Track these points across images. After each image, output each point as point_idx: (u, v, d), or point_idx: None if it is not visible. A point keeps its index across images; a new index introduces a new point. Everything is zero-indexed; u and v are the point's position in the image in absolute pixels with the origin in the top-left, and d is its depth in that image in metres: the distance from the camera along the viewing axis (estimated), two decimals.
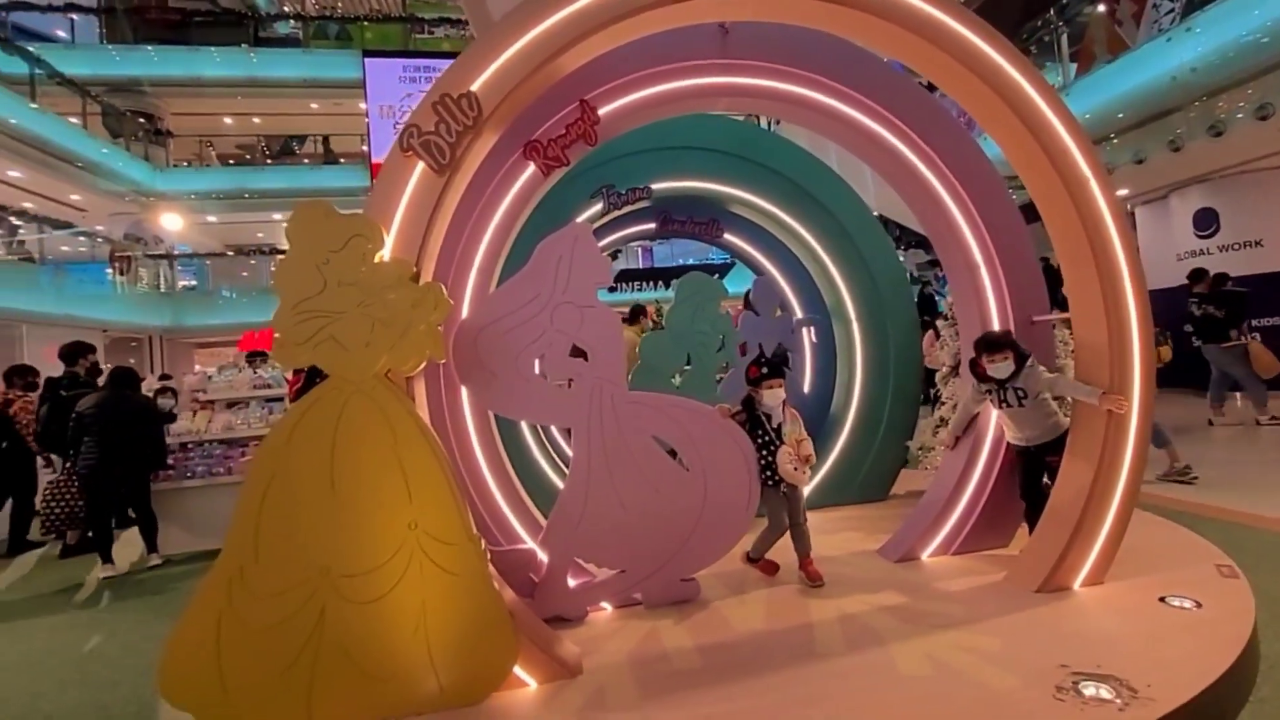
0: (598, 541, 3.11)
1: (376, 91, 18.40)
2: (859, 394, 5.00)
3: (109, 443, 5.00)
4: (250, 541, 2.23)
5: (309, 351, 2.31)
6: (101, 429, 5.00)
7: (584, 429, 3.11)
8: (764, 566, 3.57)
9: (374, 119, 18.44)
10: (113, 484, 5.07)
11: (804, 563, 3.44)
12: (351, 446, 2.32)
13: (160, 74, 17.64)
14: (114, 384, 5.26)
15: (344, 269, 2.36)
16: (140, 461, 5.20)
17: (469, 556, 2.39)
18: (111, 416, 5.06)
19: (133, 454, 5.12)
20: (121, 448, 5.05)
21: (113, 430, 5.02)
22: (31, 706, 2.95)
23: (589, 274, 3.16)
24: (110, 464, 4.99)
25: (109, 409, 5.09)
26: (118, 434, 5.03)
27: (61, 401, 5.66)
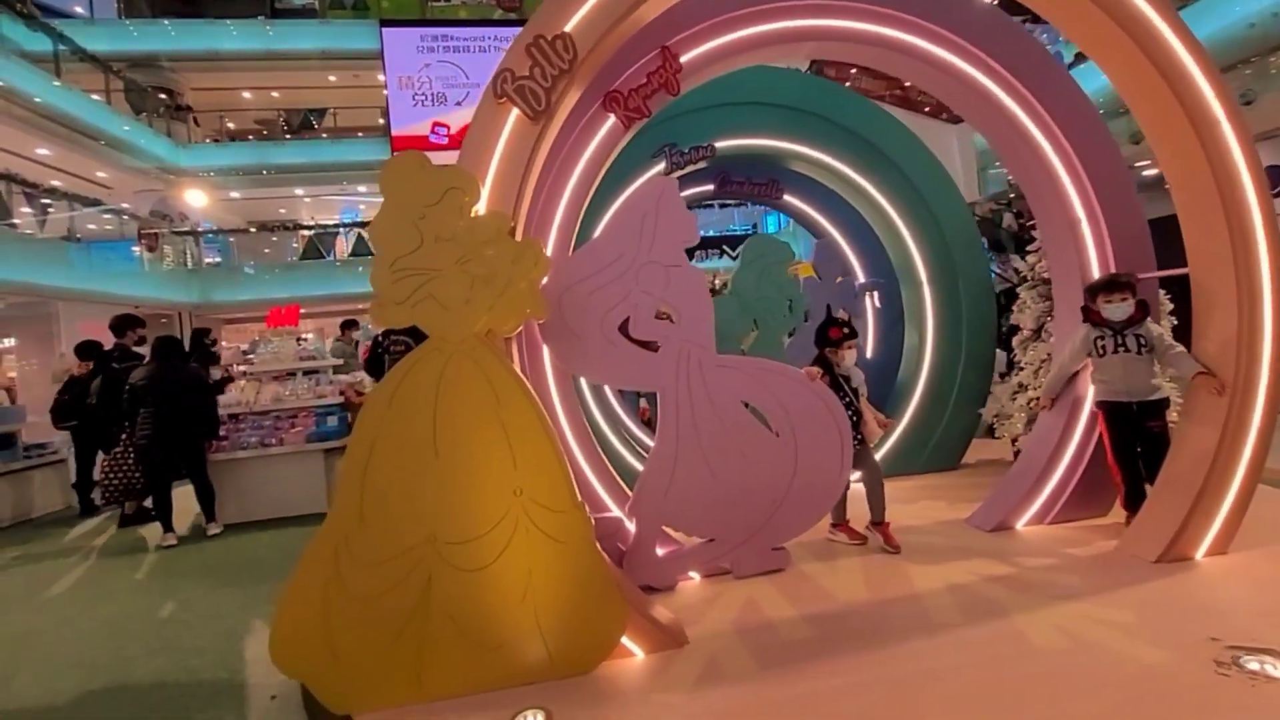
0: (686, 510, 3.01)
1: (395, 62, 18.09)
2: (930, 360, 4.82)
3: (163, 413, 5.00)
4: (355, 508, 2.14)
5: (407, 311, 2.20)
6: (155, 400, 4.99)
7: (671, 394, 2.99)
8: (851, 533, 3.46)
9: (393, 90, 18.17)
10: (168, 454, 5.08)
11: (881, 525, 3.35)
12: (453, 410, 2.21)
13: (178, 48, 17.48)
14: (164, 354, 5.23)
15: (441, 224, 2.23)
16: (194, 431, 5.20)
17: (576, 523, 2.29)
18: (164, 387, 5.05)
19: (186, 424, 5.11)
20: (175, 418, 5.05)
21: (166, 401, 5.01)
22: (125, 670, 2.94)
23: (675, 231, 3.01)
24: (165, 434, 4.99)
25: (161, 380, 5.07)
26: (171, 404, 5.02)
27: (114, 374, 5.66)
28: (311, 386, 6.44)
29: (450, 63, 18.52)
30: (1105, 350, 3.15)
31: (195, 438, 5.24)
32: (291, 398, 6.30)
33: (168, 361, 5.21)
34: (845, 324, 3.41)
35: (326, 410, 6.27)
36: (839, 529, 3.47)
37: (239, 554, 4.75)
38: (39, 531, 5.93)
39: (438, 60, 18.46)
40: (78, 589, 4.18)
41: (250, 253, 21.59)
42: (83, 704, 2.63)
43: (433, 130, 18.40)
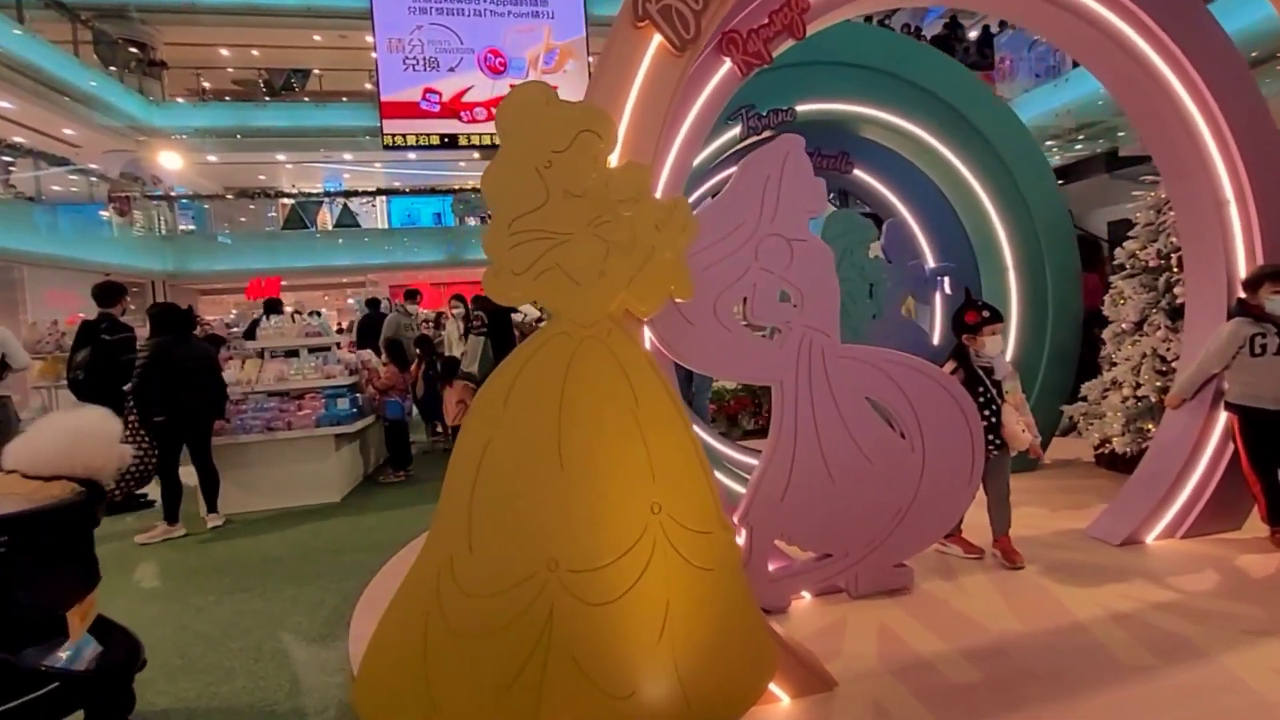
0: (802, 520, 2.63)
1: (385, 22, 17.08)
2: (1011, 352, 4.49)
3: (174, 391, 4.48)
4: (462, 526, 1.71)
5: (528, 284, 1.75)
6: (167, 377, 4.46)
7: (791, 388, 2.60)
8: (966, 545, 3.12)
9: (382, 53, 17.21)
10: (178, 437, 4.58)
11: (1001, 539, 3.02)
12: (582, 408, 1.79)
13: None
14: (172, 327, 4.68)
15: (571, 175, 1.78)
16: (204, 412, 4.68)
17: (723, 548, 1.90)
18: (177, 363, 4.52)
19: (198, 403, 4.60)
20: (187, 396, 4.53)
21: (179, 377, 4.49)
22: (141, 698, 2.48)
23: (800, 199, 2.60)
24: (176, 414, 4.49)
25: (173, 355, 4.54)
26: (184, 381, 4.51)
27: (105, 346, 5.09)
28: (319, 365, 5.90)
29: (443, 25, 17.57)
30: (1265, 349, 2.83)
31: (205, 419, 4.73)
32: (297, 378, 5.76)
33: (178, 335, 4.68)
34: (986, 306, 3.03)
35: (336, 391, 5.75)
36: (952, 540, 3.12)
37: (250, 551, 4.27)
38: None
39: (430, 23, 17.48)
40: None
41: (226, 221, 20.53)
42: None
43: (424, 97, 17.49)
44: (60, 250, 12.84)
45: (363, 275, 18.57)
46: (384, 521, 4.75)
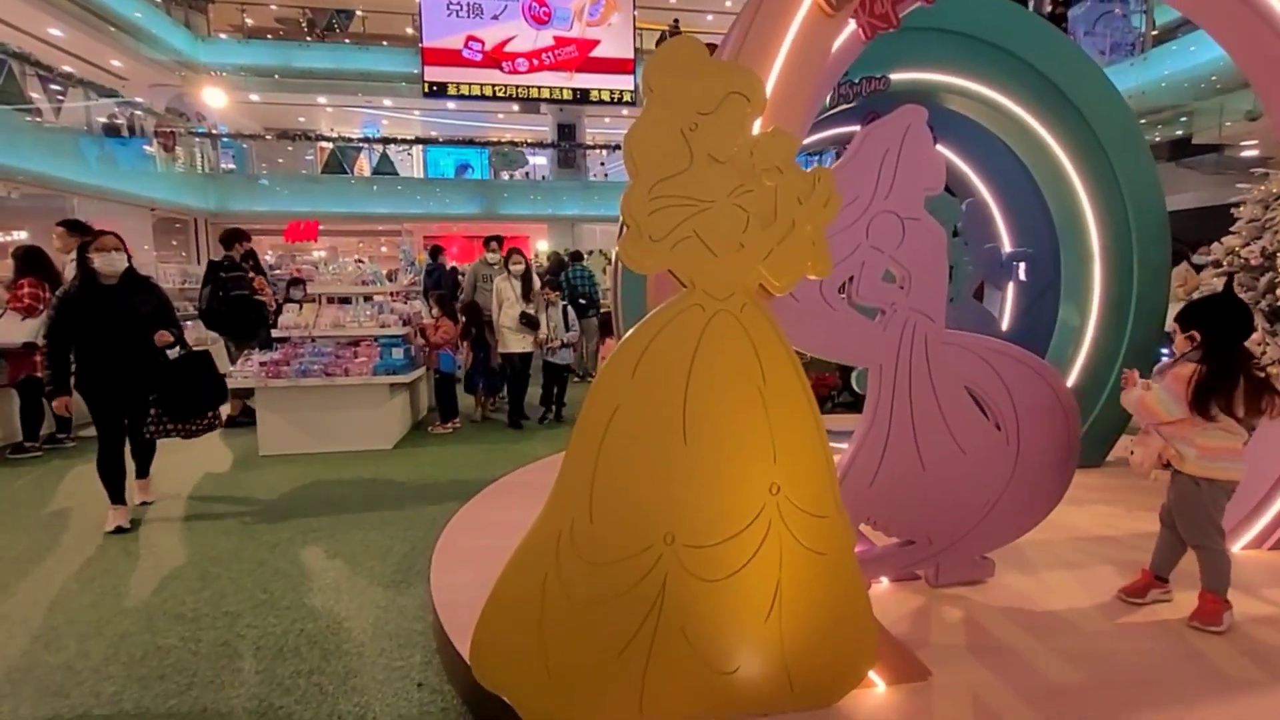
0: (891, 505, 2.59)
1: None
2: (1088, 345, 4.34)
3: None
4: (584, 494, 1.70)
5: (666, 251, 1.69)
6: None
7: (890, 373, 2.52)
8: (1135, 588, 2.61)
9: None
10: None
11: (1207, 597, 2.40)
12: (709, 383, 1.74)
13: None
14: None
15: (716, 139, 1.69)
16: None
17: (837, 533, 1.87)
18: None
19: None
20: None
21: None
22: (229, 628, 2.56)
23: (918, 176, 2.48)
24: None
25: None
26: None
27: (223, 282, 5.98)
28: (374, 314, 5.94)
29: None
30: None
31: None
32: (353, 325, 5.81)
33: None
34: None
35: (391, 341, 5.80)
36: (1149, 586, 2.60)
37: (313, 494, 4.36)
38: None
39: None
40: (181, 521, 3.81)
41: (265, 162, 20.55)
42: (207, 661, 2.27)
43: (466, 45, 17.14)
44: (108, 182, 12.98)
45: (398, 224, 18.57)
46: (439, 472, 4.83)
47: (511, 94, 17.68)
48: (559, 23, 17.58)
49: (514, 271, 6.03)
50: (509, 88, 17.59)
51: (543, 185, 18.69)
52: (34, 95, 11.53)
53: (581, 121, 19.23)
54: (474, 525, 3.36)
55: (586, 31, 17.69)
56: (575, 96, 17.63)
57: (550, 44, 17.41)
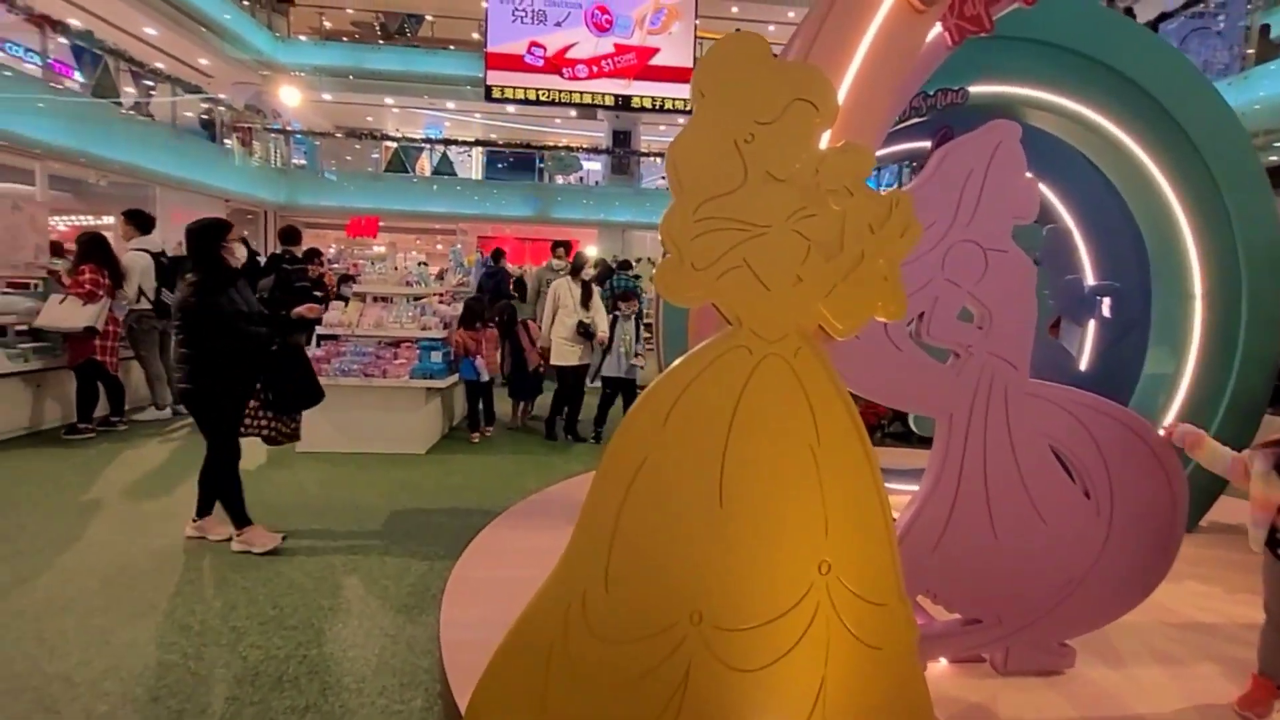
0: (955, 577, 2.26)
1: None
2: (1183, 395, 3.84)
3: None
4: (601, 558, 1.47)
5: (711, 282, 1.45)
6: None
7: (962, 424, 2.20)
8: (1252, 699, 2.18)
9: (493, 3, 17.12)
10: None
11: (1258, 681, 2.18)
12: (754, 439, 1.49)
13: None
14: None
15: (776, 154, 1.44)
16: None
17: (898, 625, 1.58)
18: None
19: None
20: None
21: None
22: (234, 650, 2.44)
23: (1008, 201, 2.17)
24: None
25: None
26: None
27: (285, 274, 6.16)
28: (416, 316, 5.89)
29: None
30: None
31: None
32: (395, 325, 5.78)
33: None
34: None
35: (430, 344, 5.73)
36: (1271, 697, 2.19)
37: (342, 495, 4.29)
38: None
39: None
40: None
41: (333, 158, 21.31)
42: (204, 685, 2.14)
43: (529, 50, 17.33)
44: (189, 174, 13.64)
45: (454, 223, 18.92)
46: (467, 482, 4.71)
47: (570, 99, 17.80)
48: (620, 30, 17.63)
49: (583, 278, 5.81)
50: (568, 93, 17.72)
51: (595, 190, 18.76)
52: (127, 90, 12.19)
53: (637, 128, 19.24)
54: (493, 551, 3.18)
55: (647, 39, 17.68)
56: (631, 103, 17.62)
57: (610, 51, 17.49)
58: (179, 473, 4.61)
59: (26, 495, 3.99)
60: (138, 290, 5.77)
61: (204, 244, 3.27)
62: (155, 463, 4.86)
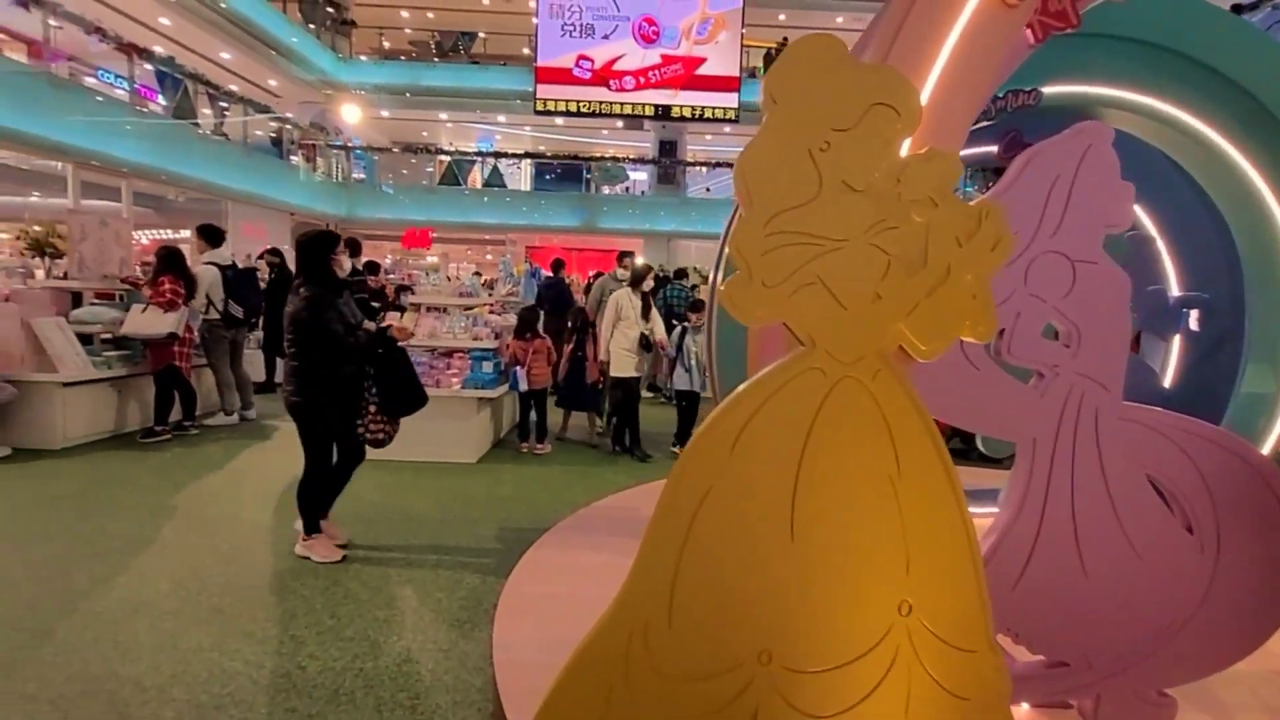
0: (1039, 615, 2.08)
1: None
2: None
3: None
4: (663, 590, 1.40)
5: (781, 299, 1.37)
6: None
7: (1046, 450, 2.03)
8: None
9: (543, 18, 17.46)
10: None
11: None
12: (828, 468, 1.39)
13: None
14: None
15: (853, 162, 1.35)
16: None
17: (987, 674, 1.45)
18: None
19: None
20: None
21: None
22: (292, 659, 2.48)
23: (1097, 208, 2.00)
24: None
25: None
26: None
27: (342, 283, 6.53)
28: (469, 327, 5.98)
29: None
30: None
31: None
32: (448, 336, 5.88)
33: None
34: None
35: (482, 354, 5.80)
36: None
37: (395, 504, 4.36)
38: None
39: None
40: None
41: (390, 172, 22.12)
42: (265, 694, 2.17)
43: (577, 63, 17.59)
44: (258, 189, 14.37)
45: (503, 234, 19.32)
46: (517, 493, 4.72)
47: (617, 110, 17.98)
48: (667, 42, 17.75)
49: (644, 289, 5.74)
50: (615, 104, 17.91)
51: (641, 200, 18.87)
52: (203, 111, 12.96)
53: (683, 138, 19.27)
54: (543, 567, 3.15)
55: (693, 50, 17.74)
56: (672, 113, 17.70)
57: (657, 62, 17.63)
58: (244, 477, 4.79)
59: (108, 497, 4.20)
60: (206, 301, 6.06)
61: (313, 257, 3.26)
62: (222, 467, 5.06)
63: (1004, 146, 4.18)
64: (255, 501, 4.27)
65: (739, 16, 17.40)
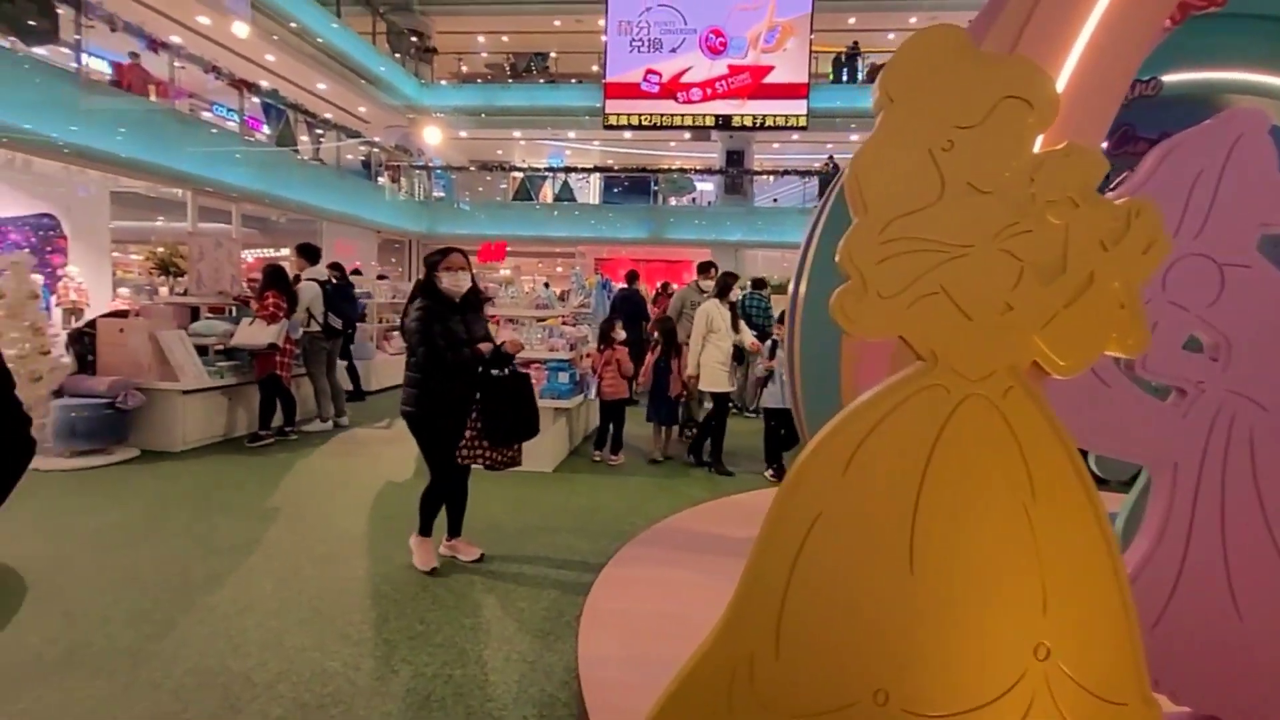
0: (1183, 660, 1.85)
1: (617, 6, 17.61)
2: None
3: None
4: (770, 621, 1.32)
5: (900, 312, 1.27)
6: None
7: (1190, 477, 1.81)
8: None
9: (612, 35, 17.78)
10: None
11: None
12: (953, 493, 1.28)
13: None
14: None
15: (980, 161, 1.25)
16: None
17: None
18: None
19: None
20: None
21: None
22: (385, 664, 2.56)
23: (1249, 205, 1.78)
24: None
25: None
26: None
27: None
28: (545, 338, 6.09)
29: (670, 6, 17.67)
30: None
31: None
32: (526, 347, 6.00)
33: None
34: None
35: (558, 365, 5.89)
36: None
37: (478, 512, 4.38)
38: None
39: (658, 4, 17.68)
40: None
41: (467, 190, 23.06)
42: (362, 696, 2.25)
43: (644, 78, 17.79)
44: (349, 209, 15.33)
45: (573, 246, 19.73)
46: (594, 503, 4.73)
47: (684, 122, 18.07)
48: (734, 51, 17.73)
49: (730, 299, 5.56)
50: (682, 116, 18.01)
51: (708, 211, 18.84)
52: (302, 138, 13.98)
53: (750, 147, 19.11)
54: (624, 582, 3.12)
55: (761, 58, 17.62)
56: (733, 122, 17.62)
57: (724, 72, 17.63)
58: (336, 483, 5.04)
59: (220, 498, 4.53)
60: (307, 314, 6.47)
61: (427, 271, 3.38)
62: (317, 472, 5.35)
63: (1115, 143, 3.84)
64: (347, 507, 4.48)
65: (807, 22, 17.13)
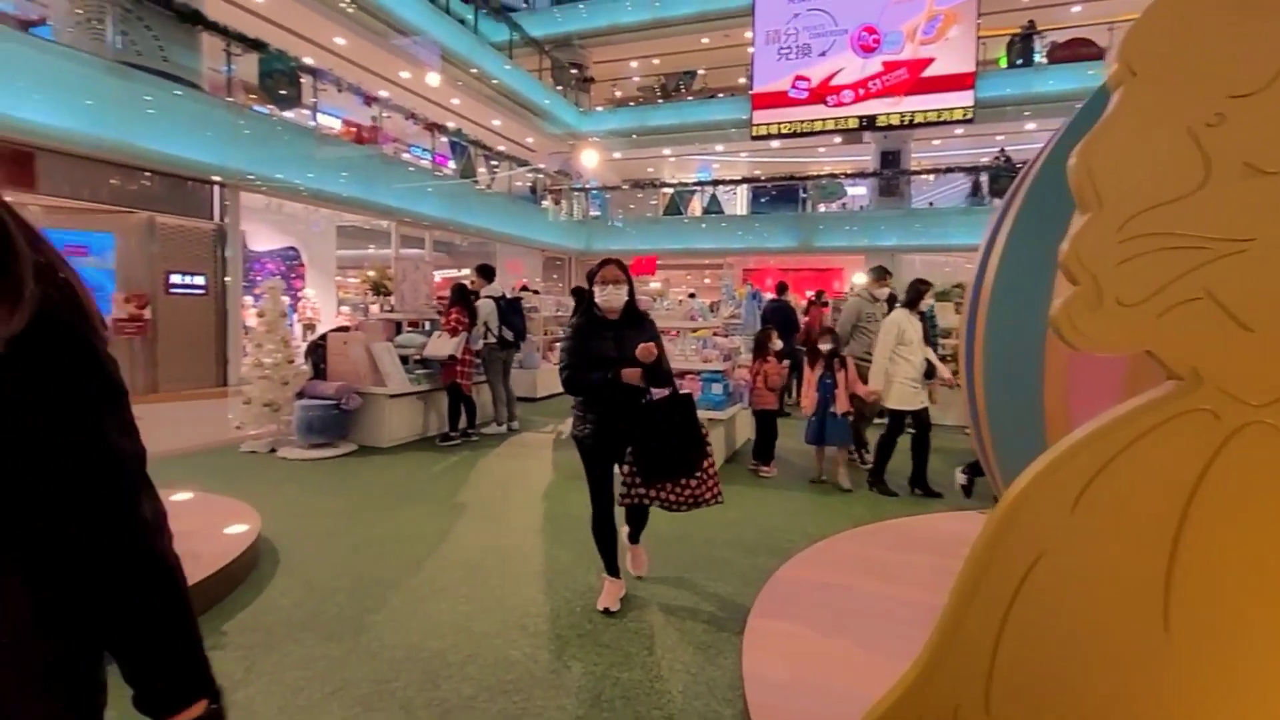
0: None
1: (764, 15, 17.37)
2: None
3: None
4: (980, 671, 1.18)
5: (1149, 322, 1.07)
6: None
7: None
8: None
9: (759, 46, 17.56)
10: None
11: None
12: (1224, 540, 1.05)
13: (588, 26, 19.67)
14: None
15: (1262, 136, 1.02)
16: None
17: None
18: None
19: None
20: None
21: None
22: (557, 659, 2.71)
23: None
24: None
25: None
26: None
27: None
28: (699, 349, 6.13)
29: (820, 9, 17.05)
30: None
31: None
32: (681, 358, 6.09)
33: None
34: None
35: (712, 376, 5.89)
36: None
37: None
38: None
39: (807, 9, 17.14)
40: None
41: (620, 207, 24.10)
42: (540, 686, 2.42)
43: (793, 85, 17.30)
44: (518, 231, 16.80)
45: (721, 258, 19.74)
46: (749, 516, 4.64)
47: (833, 126, 17.34)
48: (889, 47, 16.68)
49: (920, 309, 5.03)
50: (832, 120, 17.30)
51: (860, 215, 17.86)
52: (480, 170, 15.61)
53: (907, 146, 17.79)
54: (787, 601, 3.00)
55: (919, 51, 16.37)
56: (878, 121, 16.50)
57: (878, 70, 16.65)
58: (512, 482, 5.49)
59: (418, 491, 5.15)
60: (484, 328, 7.18)
61: (585, 289, 3.31)
62: (499, 470, 5.89)
63: None
64: (521, 505, 4.85)
65: (973, 7, 15.60)
